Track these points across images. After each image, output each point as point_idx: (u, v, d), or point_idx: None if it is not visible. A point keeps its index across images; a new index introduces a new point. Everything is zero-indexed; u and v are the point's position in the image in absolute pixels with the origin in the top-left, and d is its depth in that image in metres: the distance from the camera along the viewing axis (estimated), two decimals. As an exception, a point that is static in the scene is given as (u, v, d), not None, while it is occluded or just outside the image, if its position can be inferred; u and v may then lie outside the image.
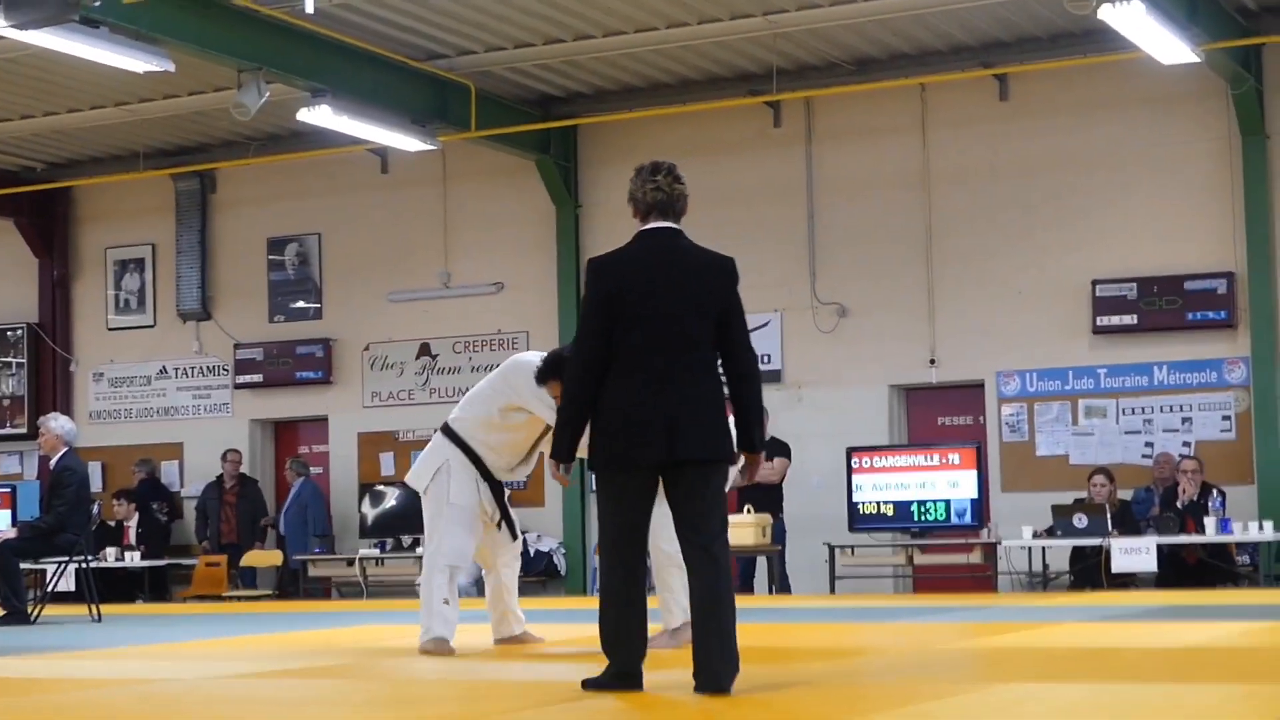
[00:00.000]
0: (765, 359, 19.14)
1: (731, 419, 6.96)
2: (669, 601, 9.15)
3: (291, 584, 20.10)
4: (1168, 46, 15.43)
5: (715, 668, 6.63)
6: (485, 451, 9.43)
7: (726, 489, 7.09)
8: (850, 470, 17.35)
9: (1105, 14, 14.08)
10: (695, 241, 7.16)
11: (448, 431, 9.47)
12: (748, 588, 17.52)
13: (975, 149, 18.63)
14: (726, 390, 6.93)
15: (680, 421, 6.74)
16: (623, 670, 6.83)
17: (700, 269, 6.97)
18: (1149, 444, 17.76)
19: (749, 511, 16.02)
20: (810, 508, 18.07)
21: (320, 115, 17.00)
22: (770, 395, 18.93)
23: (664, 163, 7.20)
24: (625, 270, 6.95)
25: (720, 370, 6.92)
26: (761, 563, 17.29)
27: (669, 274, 6.91)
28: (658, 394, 6.76)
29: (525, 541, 19.36)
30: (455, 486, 9.39)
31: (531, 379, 9.14)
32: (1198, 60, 15.99)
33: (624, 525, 6.86)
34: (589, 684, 6.85)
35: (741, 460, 7.03)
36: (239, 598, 19.49)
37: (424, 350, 20.98)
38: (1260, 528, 15.81)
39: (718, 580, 6.71)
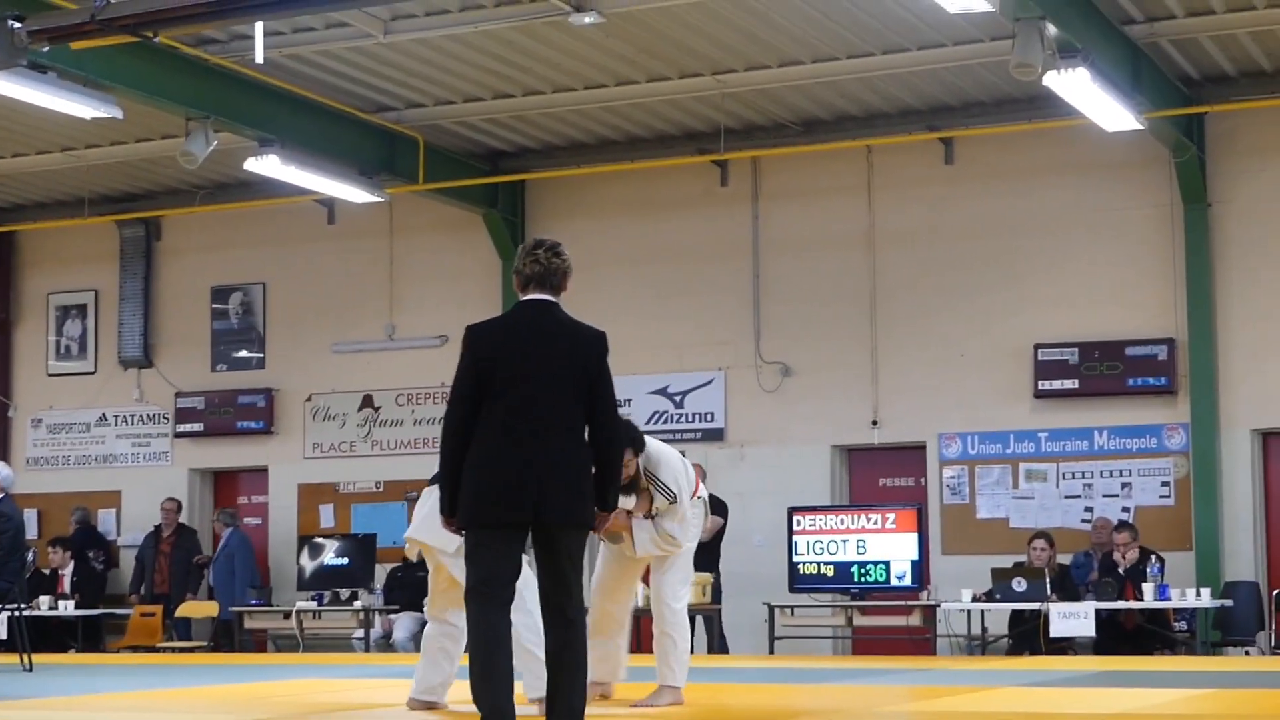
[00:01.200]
0: (709, 417, 19.17)
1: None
2: (670, 660, 9.38)
3: (226, 636, 19.95)
4: (1112, 114, 15.55)
5: None
6: None
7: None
8: (791, 530, 17.33)
9: (1050, 80, 14.18)
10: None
11: None
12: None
13: (920, 211, 18.72)
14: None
15: (545, 485, 7.00)
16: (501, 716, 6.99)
17: (570, 339, 7.24)
18: (1089, 508, 17.82)
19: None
20: (751, 566, 18.05)
21: (268, 165, 16.96)
22: (713, 453, 19.01)
23: (546, 240, 7.45)
24: (498, 338, 7.27)
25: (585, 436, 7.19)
26: (699, 621, 17.23)
27: (539, 343, 7.18)
28: (524, 458, 7.03)
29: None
30: None
31: None
32: (1141, 128, 16.13)
33: (486, 578, 7.06)
34: None
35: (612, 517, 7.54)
36: (173, 649, 19.33)
37: (367, 402, 20.92)
38: (1198, 594, 15.86)
39: (569, 644, 7.02)
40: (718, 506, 17.16)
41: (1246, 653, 16.70)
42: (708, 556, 16.83)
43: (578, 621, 7.08)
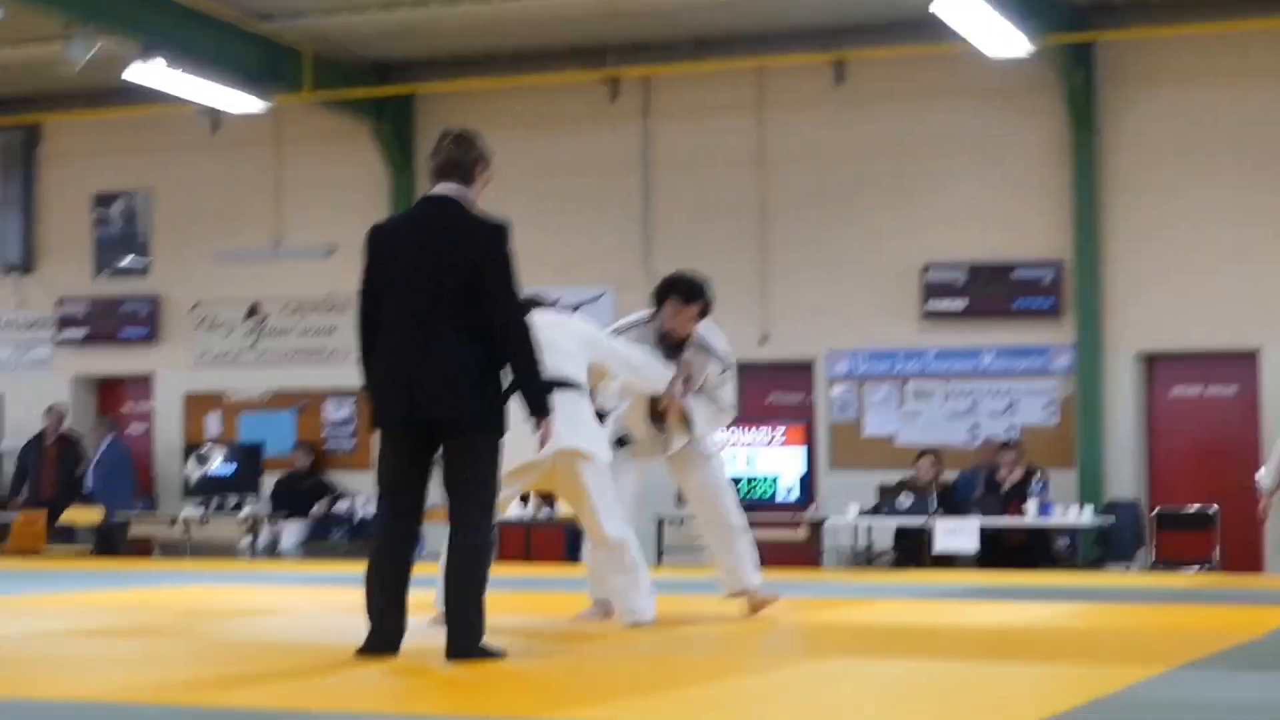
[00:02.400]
0: (597, 332, 19.13)
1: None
2: (734, 566, 9.12)
3: (107, 542, 19.78)
4: (1003, 39, 15.62)
5: (454, 638, 6.80)
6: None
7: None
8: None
9: (939, 6, 14.18)
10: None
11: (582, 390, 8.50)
12: (575, 557, 17.51)
13: (811, 132, 18.74)
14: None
15: (419, 385, 6.86)
16: (375, 629, 6.90)
17: (458, 230, 7.01)
18: (974, 427, 17.99)
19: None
20: (642, 479, 18.06)
21: (151, 72, 16.72)
22: (601, 368, 18.98)
23: (455, 129, 7.30)
24: (389, 235, 7.16)
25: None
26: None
27: (426, 236, 7.02)
28: (404, 356, 6.90)
29: (352, 506, 19.42)
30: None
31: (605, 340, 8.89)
32: (1032, 53, 16.20)
33: (385, 484, 7.02)
34: (360, 651, 6.90)
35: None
36: (57, 554, 19.16)
37: (253, 311, 20.74)
38: (1080, 512, 16.08)
39: (464, 551, 6.87)
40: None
41: (1126, 569, 16.95)
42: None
43: (470, 534, 6.88)
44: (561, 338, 8.46)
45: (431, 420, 6.88)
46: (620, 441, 9.14)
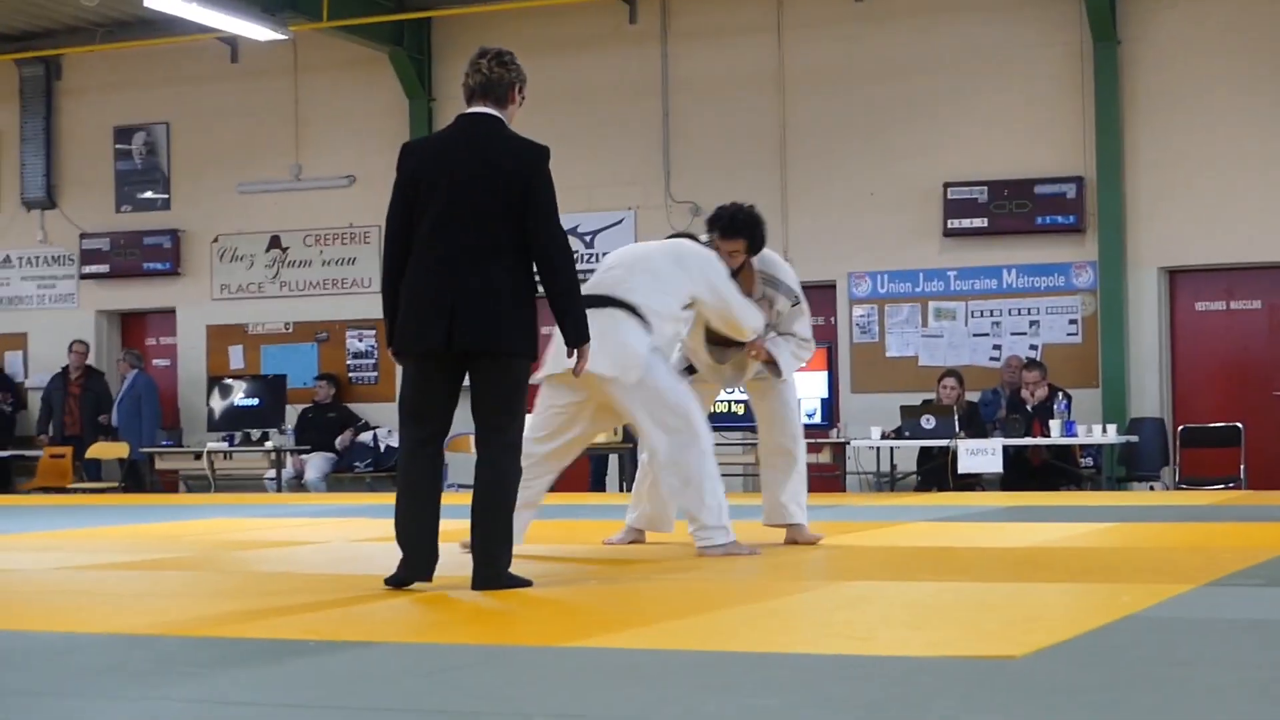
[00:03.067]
0: (619, 257, 19.08)
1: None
2: (781, 499, 8.82)
3: (134, 477, 19.89)
4: (1023, -49, 15.51)
5: (479, 568, 6.70)
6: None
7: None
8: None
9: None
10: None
11: (634, 312, 8.09)
12: (599, 486, 17.59)
13: (830, 51, 18.65)
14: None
15: (459, 310, 6.65)
16: (407, 560, 6.75)
17: (500, 152, 6.81)
18: (997, 346, 17.96)
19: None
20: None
21: (169, 2, 16.68)
22: (623, 293, 18.95)
23: (492, 48, 7.08)
24: (427, 154, 6.91)
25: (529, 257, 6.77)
26: (614, 461, 17.33)
27: (468, 156, 6.79)
28: (440, 280, 6.69)
29: (376, 437, 19.46)
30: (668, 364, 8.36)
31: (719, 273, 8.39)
32: (1053, -34, 16.09)
33: (410, 411, 6.85)
34: (389, 581, 6.77)
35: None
36: (84, 490, 19.26)
37: (274, 243, 20.75)
38: (1104, 431, 16.06)
39: (492, 480, 6.72)
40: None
41: (1151, 488, 16.95)
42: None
43: (500, 462, 6.74)
44: (663, 265, 8.20)
45: (471, 349, 6.69)
46: (688, 370, 9.00)
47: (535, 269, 6.77)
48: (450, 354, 6.72)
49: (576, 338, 6.85)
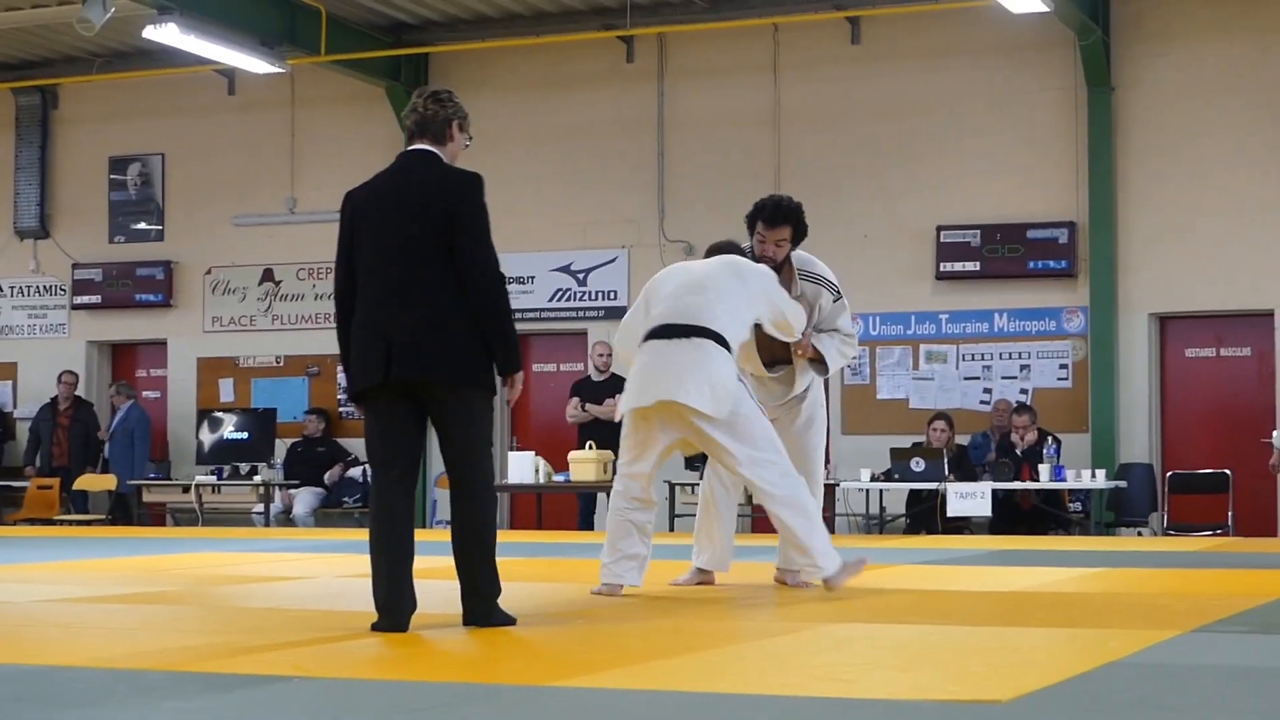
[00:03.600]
0: (612, 295, 19.13)
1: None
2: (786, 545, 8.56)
3: (122, 509, 19.84)
4: (1019, -4, 15.58)
5: (470, 603, 6.68)
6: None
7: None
8: (692, 408, 17.31)
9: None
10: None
11: (722, 341, 8.06)
12: (588, 525, 17.53)
13: (826, 91, 18.70)
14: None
15: (395, 343, 6.61)
16: (381, 608, 6.64)
17: (429, 184, 6.79)
18: (988, 390, 17.97)
19: (591, 448, 16.01)
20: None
21: (167, 33, 16.71)
22: (616, 331, 18.93)
23: (430, 88, 7.08)
24: (362, 196, 6.91)
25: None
26: (602, 499, 17.27)
27: (398, 193, 6.80)
28: (377, 316, 6.68)
29: (365, 473, 19.42)
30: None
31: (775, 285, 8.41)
32: (1047, 10, 16.16)
33: (372, 455, 6.80)
34: (375, 628, 6.64)
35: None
36: (71, 521, 19.22)
37: (267, 275, 20.75)
38: (1093, 476, 16.05)
39: (468, 515, 6.67)
40: (622, 386, 17.12)
41: (1139, 533, 16.94)
42: (612, 435, 16.82)
43: (473, 495, 6.69)
44: (727, 283, 8.17)
45: (410, 379, 6.61)
46: None
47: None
48: (397, 390, 6.65)
49: (507, 365, 6.73)
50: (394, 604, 6.62)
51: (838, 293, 8.81)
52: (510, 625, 6.70)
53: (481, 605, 6.69)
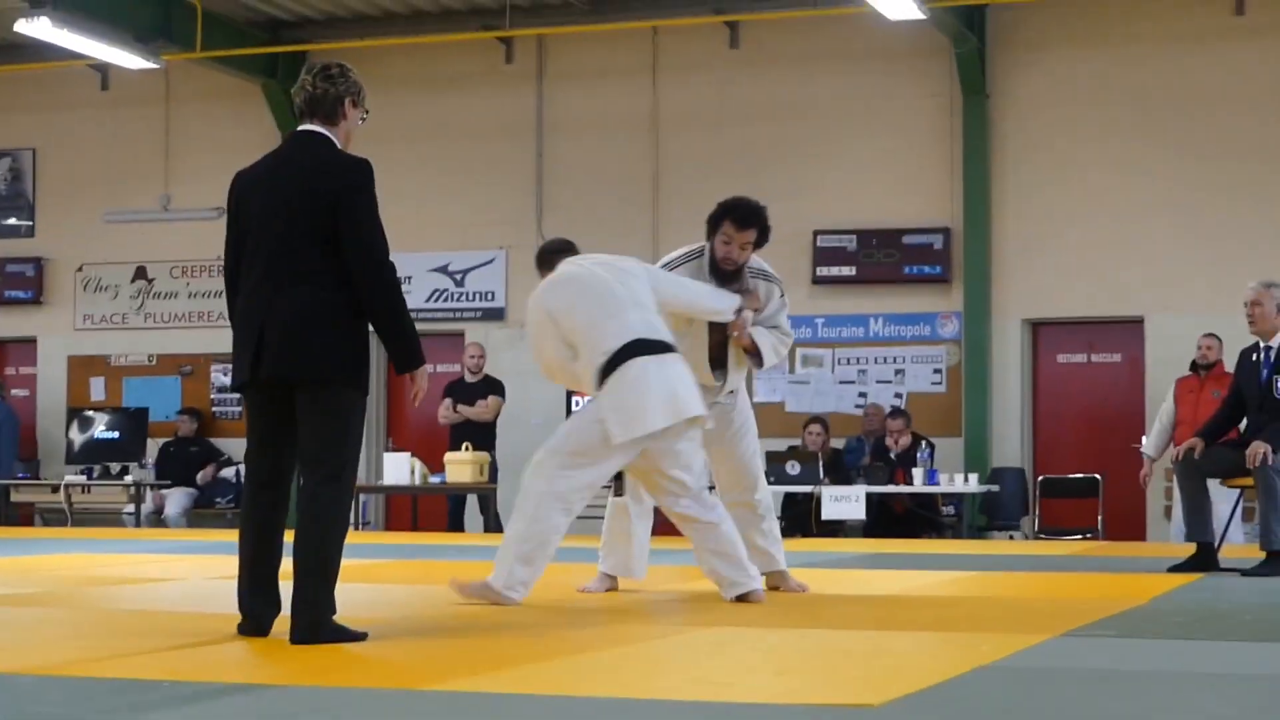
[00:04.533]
0: (489, 296, 19.09)
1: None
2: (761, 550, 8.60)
3: (-13, 508, 19.56)
4: (894, 2, 15.66)
5: (295, 617, 6.28)
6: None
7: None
8: (569, 411, 17.34)
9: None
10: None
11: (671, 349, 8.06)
12: (457, 526, 17.49)
13: (704, 94, 18.74)
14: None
15: (266, 338, 6.33)
16: (244, 612, 6.46)
17: (314, 171, 6.43)
18: (863, 394, 18.08)
19: (467, 449, 15.96)
20: (528, 447, 17.80)
21: (39, 27, 16.47)
22: (493, 332, 18.94)
23: (321, 63, 6.68)
24: (250, 177, 6.60)
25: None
26: (472, 501, 17.24)
27: (281, 178, 6.47)
28: (253, 308, 6.40)
29: (238, 473, 19.24)
30: None
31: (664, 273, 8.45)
32: (923, 18, 16.27)
33: (247, 452, 6.56)
34: (239, 630, 6.49)
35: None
36: (-63, 521, 18.92)
37: (140, 273, 20.51)
38: (966, 480, 16.19)
39: (307, 519, 6.32)
40: (496, 386, 17.12)
41: (1011, 537, 17.10)
42: (484, 437, 16.80)
43: (317, 498, 6.30)
44: (638, 289, 8.11)
45: (276, 378, 6.34)
46: None
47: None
48: (268, 386, 6.40)
49: (407, 362, 6.47)
50: (254, 606, 6.44)
51: (782, 292, 8.88)
52: (355, 641, 6.29)
53: (312, 621, 6.26)
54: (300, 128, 6.60)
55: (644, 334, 7.93)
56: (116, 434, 19.61)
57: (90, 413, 19.88)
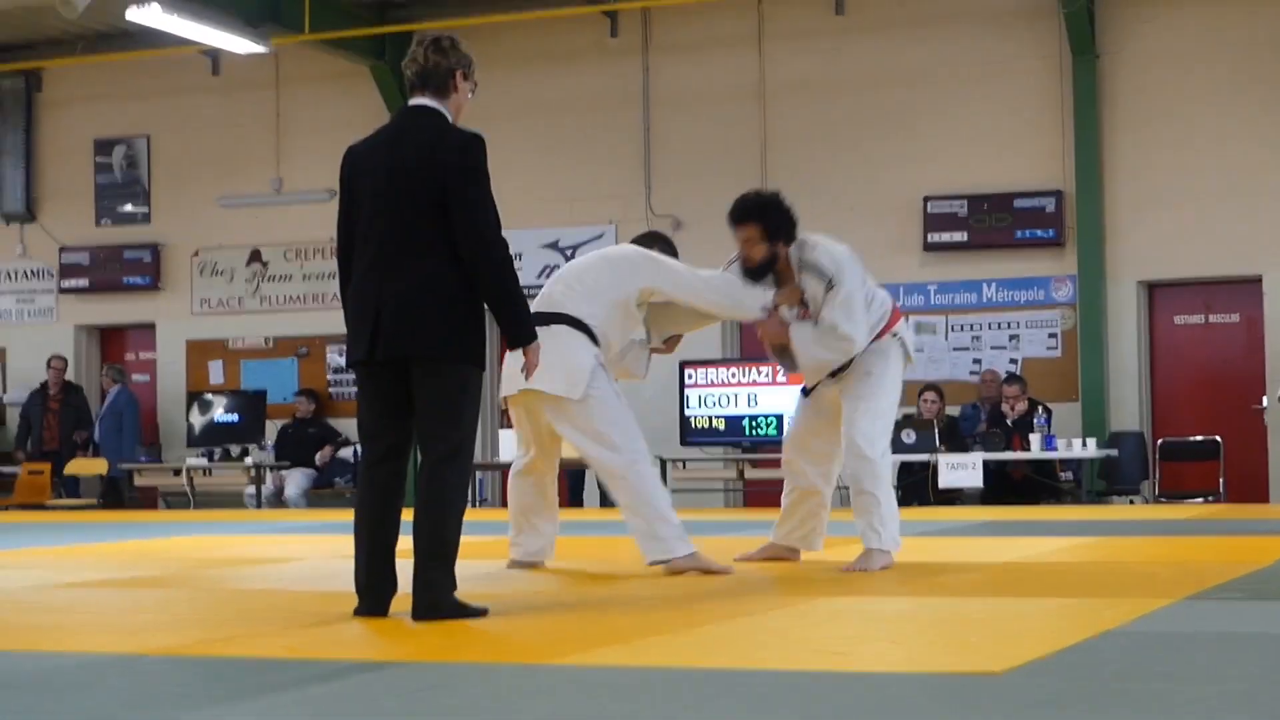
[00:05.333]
0: (599, 271, 19.07)
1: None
2: (872, 520, 8.35)
3: (113, 493, 19.82)
4: (1003, -35, 15.57)
5: (415, 594, 6.29)
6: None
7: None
8: (683, 383, 17.37)
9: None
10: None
11: (580, 325, 8.11)
12: (577, 501, 17.55)
13: (811, 63, 18.67)
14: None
15: (383, 316, 6.30)
16: (361, 592, 6.45)
17: (427, 145, 6.36)
18: (977, 360, 17.97)
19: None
20: (643, 420, 17.95)
21: (150, 15, 16.65)
22: (604, 307, 18.93)
23: (432, 34, 6.63)
24: (360, 155, 6.56)
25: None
26: (591, 476, 17.27)
27: (396, 153, 6.42)
28: (367, 286, 6.38)
29: (356, 453, 19.40)
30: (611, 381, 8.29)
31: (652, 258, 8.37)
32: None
33: (361, 429, 6.55)
34: (356, 611, 6.47)
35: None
36: (62, 506, 19.20)
37: (255, 256, 20.71)
38: (1084, 445, 16.07)
39: (427, 497, 6.29)
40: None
41: (1131, 502, 16.97)
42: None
43: (437, 476, 6.28)
44: (596, 275, 8.20)
45: (394, 356, 6.32)
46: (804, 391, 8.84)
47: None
48: (384, 364, 6.37)
49: (516, 338, 6.48)
50: (372, 585, 6.43)
51: (829, 279, 8.38)
52: (477, 617, 6.31)
53: (432, 598, 6.27)
54: (411, 102, 6.55)
55: (541, 306, 8.01)
56: (236, 417, 19.81)
57: (209, 396, 20.09)
